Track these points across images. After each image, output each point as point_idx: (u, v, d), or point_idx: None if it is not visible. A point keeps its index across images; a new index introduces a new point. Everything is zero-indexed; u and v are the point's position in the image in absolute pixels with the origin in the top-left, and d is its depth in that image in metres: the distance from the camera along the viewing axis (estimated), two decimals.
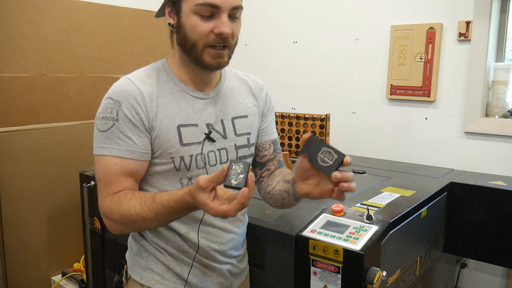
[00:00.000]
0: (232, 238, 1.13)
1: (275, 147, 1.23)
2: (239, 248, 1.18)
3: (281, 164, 1.23)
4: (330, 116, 1.81)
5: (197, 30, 0.97)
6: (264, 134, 1.21)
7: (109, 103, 0.99)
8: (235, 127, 1.11)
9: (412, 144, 2.19)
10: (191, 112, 1.05)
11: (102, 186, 1.00)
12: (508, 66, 1.98)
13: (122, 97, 0.98)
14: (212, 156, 1.07)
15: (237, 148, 1.12)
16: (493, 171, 1.93)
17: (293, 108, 2.60)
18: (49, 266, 2.04)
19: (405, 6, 2.14)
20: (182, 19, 0.99)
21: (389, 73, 2.19)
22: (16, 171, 1.86)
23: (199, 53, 1.00)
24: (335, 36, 2.40)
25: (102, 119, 0.99)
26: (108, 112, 0.98)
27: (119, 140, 0.98)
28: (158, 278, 1.10)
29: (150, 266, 1.10)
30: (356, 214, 1.25)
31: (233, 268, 1.17)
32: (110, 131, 0.98)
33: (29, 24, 1.99)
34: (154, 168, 1.04)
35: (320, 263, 1.14)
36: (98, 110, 1.01)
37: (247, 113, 1.15)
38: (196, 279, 1.11)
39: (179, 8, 0.99)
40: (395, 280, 1.26)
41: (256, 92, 1.20)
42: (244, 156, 1.13)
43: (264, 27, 2.68)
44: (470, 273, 2.06)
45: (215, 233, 1.10)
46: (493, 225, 1.55)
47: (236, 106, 1.13)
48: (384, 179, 1.68)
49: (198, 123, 1.05)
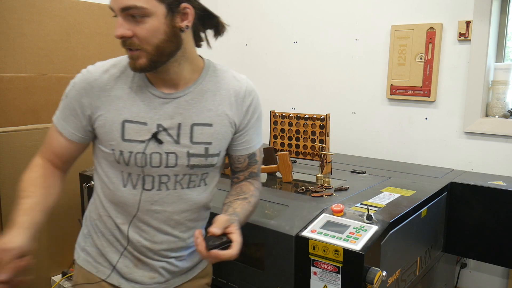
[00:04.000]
0: (168, 240, 1.11)
1: (250, 161, 1.18)
2: (181, 251, 1.15)
3: (252, 175, 1.21)
4: (330, 116, 1.81)
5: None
6: (243, 148, 1.16)
7: (73, 81, 1.07)
8: (193, 134, 1.06)
9: (412, 144, 2.19)
10: (144, 109, 1.04)
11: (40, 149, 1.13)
12: (508, 66, 1.98)
13: (79, 80, 1.06)
14: (156, 158, 1.04)
15: (190, 156, 1.06)
16: (493, 171, 1.93)
17: (293, 108, 2.60)
18: (49, 266, 2.03)
19: (405, 6, 2.14)
20: None
21: (389, 73, 2.19)
22: (16, 171, 1.86)
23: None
24: (335, 36, 2.40)
25: (64, 94, 1.08)
26: (67, 89, 1.08)
27: (63, 115, 1.08)
28: (90, 260, 1.14)
29: (86, 247, 1.15)
30: (356, 214, 1.25)
31: (170, 266, 1.15)
32: (61, 102, 1.09)
33: (29, 24, 1.99)
34: (101, 153, 1.08)
35: (320, 263, 1.14)
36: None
37: (213, 121, 1.07)
38: (126, 268, 1.12)
39: None
40: (395, 280, 1.26)
41: (238, 100, 1.12)
42: (197, 165, 1.07)
43: (264, 27, 2.68)
44: (470, 273, 2.06)
45: (148, 232, 1.10)
46: (493, 225, 1.55)
47: (202, 112, 1.07)
48: (384, 179, 1.68)
49: (147, 122, 1.03)
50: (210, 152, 1.08)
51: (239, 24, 2.79)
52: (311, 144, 1.86)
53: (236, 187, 1.19)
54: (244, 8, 2.75)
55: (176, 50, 1.00)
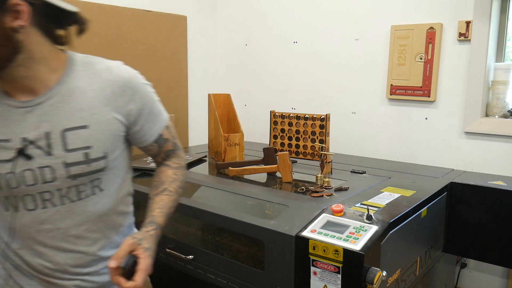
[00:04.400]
0: (73, 257, 1.01)
1: (159, 144, 1.10)
2: (93, 265, 1.04)
3: (169, 154, 1.13)
4: (330, 116, 1.81)
5: None
6: (142, 140, 1.07)
7: None
8: (66, 141, 0.93)
9: (412, 144, 2.19)
10: (3, 125, 0.92)
11: None
12: (508, 66, 1.98)
13: None
14: (29, 175, 0.93)
15: (68, 166, 0.94)
16: (493, 171, 1.93)
17: (293, 108, 2.60)
18: None
19: (405, 6, 2.14)
20: None
21: (389, 73, 2.19)
22: None
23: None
24: (335, 36, 2.40)
25: None
26: None
27: None
28: (1, 283, 1.04)
29: None
30: (356, 214, 1.25)
31: (86, 284, 1.04)
32: None
33: None
34: None
35: (320, 263, 1.14)
36: None
37: (88, 122, 0.95)
38: None
39: None
40: (395, 280, 1.26)
41: (116, 92, 0.98)
42: (80, 174, 0.95)
43: (264, 27, 2.68)
44: (470, 273, 2.06)
45: (46, 253, 0.99)
46: (493, 225, 1.55)
47: (73, 114, 0.94)
48: (384, 179, 1.68)
49: (11, 138, 0.91)
50: (92, 157, 0.95)
51: (239, 24, 2.79)
52: (311, 144, 1.86)
53: (156, 177, 1.12)
54: (244, 8, 2.76)
55: (13, 53, 0.87)
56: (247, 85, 2.82)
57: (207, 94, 2.12)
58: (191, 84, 2.69)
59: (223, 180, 1.70)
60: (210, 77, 2.90)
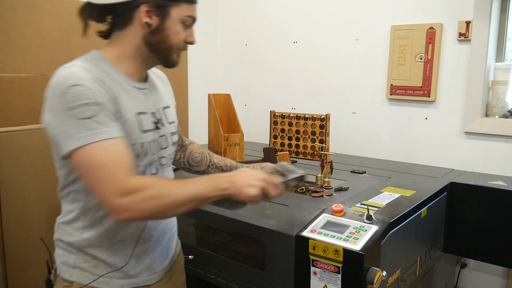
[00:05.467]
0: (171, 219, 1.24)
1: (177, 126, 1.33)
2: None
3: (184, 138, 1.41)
4: (330, 116, 1.81)
5: (179, 37, 1.06)
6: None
7: (84, 89, 0.93)
8: (166, 116, 1.17)
9: (412, 144, 2.19)
10: (138, 101, 1.08)
11: (112, 170, 0.92)
12: (508, 66, 1.98)
13: (91, 83, 0.95)
14: (162, 142, 1.13)
15: (172, 135, 1.18)
16: (493, 171, 1.93)
17: (293, 108, 2.60)
18: None
19: (405, 6, 2.14)
20: (167, 24, 1.04)
21: (389, 73, 2.19)
22: (16, 171, 1.86)
23: (170, 54, 1.08)
24: (335, 36, 2.40)
25: (84, 106, 0.92)
26: (86, 98, 0.93)
27: (109, 123, 0.95)
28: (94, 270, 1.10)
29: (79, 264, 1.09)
30: (356, 214, 1.25)
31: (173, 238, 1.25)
32: (99, 116, 0.94)
33: (29, 24, 1.99)
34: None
35: (320, 263, 1.14)
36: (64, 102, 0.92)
37: (169, 103, 1.21)
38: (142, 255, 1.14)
39: (166, 13, 1.03)
40: (395, 280, 1.26)
41: (166, 83, 1.27)
42: (175, 143, 1.21)
43: (264, 27, 2.68)
44: (470, 273, 2.06)
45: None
46: (493, 225, 1.55)
47: (162, 97, 1.19)
48: (384, 179, 1.68)
49: (147, 112, 1.09)
50: (177, 129, 1.24)
51: (239, 24, 2.79)
52: (311, 144, 1.86)
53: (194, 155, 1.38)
54: (244, 8, 2.75)
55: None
56: (247, 85, 2.82)
57: (207, 94, 2.12)
58: (191, 84, 2.69)
59: None
60: (210, 77, 2.90)
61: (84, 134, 0.92)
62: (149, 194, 0.92)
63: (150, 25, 1.02)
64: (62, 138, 0.94)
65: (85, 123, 0.92)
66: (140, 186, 0.92)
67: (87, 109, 0.93)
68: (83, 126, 0.92)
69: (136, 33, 1.04)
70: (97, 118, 0.93)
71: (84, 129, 0.92)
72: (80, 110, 0.92)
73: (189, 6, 1.05)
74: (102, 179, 0.92)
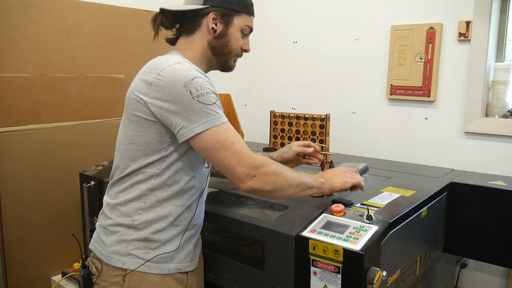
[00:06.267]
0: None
1: None
2: None
3: None
4: (330, 116, 1.81)
5: (238, 43, 1.23)
6: None
7: (203, 81, 1.08)
8: None
9: (412, 144, 2.19)
10: None
11: (241, 146, 1.07)
12: (508, 66, 1.98)
13: (206, 77, 1.11)
14: None
15: None
16: (493, 171, 1.93)
17: (293, 108, 2.60)
18: (49, 266, 2.04)
19: (405, 6, 2.14)
20: (230, 30, 1.21)
21: (389, 73, 2.19)
22: (16, 171, 1.86)
23: (229, 58, 1.24)
24: (335, 36, 2.40)
25: (207, 94, 1.06)
26: (207, 87, 1.08)
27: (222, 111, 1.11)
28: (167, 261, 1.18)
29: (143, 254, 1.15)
30: (356, 214, 1.25)
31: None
32: (218, 102, 1.09)
33: (29, 24, 1.99)
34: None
35: (320, 263, 1.14)
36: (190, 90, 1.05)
37: None
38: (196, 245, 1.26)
39: (230, 21, 1.21)
40: (395, 280, 1.26)
41: None
42: None
43: (264, 27, 2.68)
44: (470, 273, 2.06)
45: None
46: (493, 225, 1.55)
47: None
48: (384, 179, 1.68)
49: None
50: None
51: None
52: None
53: None
54: None
55: None
56: (247, 85, 2.82)
57: None
58: None
59: (223, 180, 1.70)
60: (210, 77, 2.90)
61: (210, 118, 1.06)
62: (273, 170, 1.09)
63: (216, 30, 1.19)
64: (187, 122, 1.05)
65: (209, 109, 1.06)
66: (265, 162, 1.08)
67: (211, 97, 1.07)
68: (208, 111, 1.06)
69: (203, 38, 1.20)
70: (217, 103, 1.09)
71: (209, 114, 1.06)
72: (206, 97, 1.06)
73: (249, 17, 1.28)
74: (235, 153, 1.06)
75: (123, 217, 1.15)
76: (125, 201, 1.15)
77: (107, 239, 1.17)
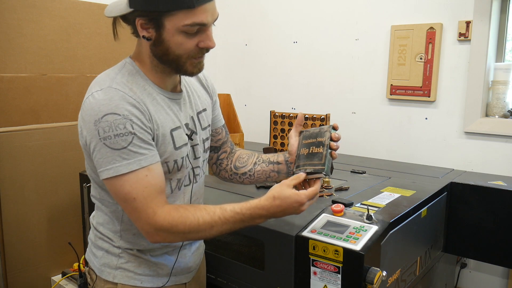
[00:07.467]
0: None
1: (225, 130, 1.31)
2: None
3: (233, 145, 1.34)
4: (330, 116, 1.81)
5: (183, 47, 0.97)
6: (217, 121, 1.28)
7: (117, 119, 0.92)
8: (200, 122, 1.15)
9: (412, 144, 2.19)
10: (173, 115, 1.06)
11: (142, 204, 0.94)
12: (508, 66, 1.98)
13: (126, 110, 0.94)
14: (196, 152, 1.13)
15: (204, 142, 1.16)
16: (493, 171, 1.93)
17: (293, 108, 2.60)
18: (49, 266, 2.04)
19: (405, 6, 2.14)
20: (165, 36, 0.96)
21: (389, 73, 2.19)
22: (16, 171, 1.86)
23: (181, 64, 1.00)
24: (335, 36, 2.40)
25: (115, 137, 0.92)
26: (118, 128, 0.92)
27: (143, 150, 0.95)
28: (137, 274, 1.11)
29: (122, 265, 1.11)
30: (356, 214, 1.25)
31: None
32: (131, 145, 0.93)
33: (29, 24, 1.99)
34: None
35: (320, 263, 1.14)
36: (98, 131, 0.92)
37: (205, 106, 1.18)
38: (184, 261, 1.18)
39: (160, 25, 0.94)
40: (395, 280, 1.26)
41: (205, 83, 1.23)
42: (207, 149, 1.20)
43: (264, 27, 2.68)
44: (470, 273, 2.06)
45: None
46: (493, 225, 1.55)
47: (197, 100, 1.16)
48: (384, 179, 1.68)
49: (180, 125, 1.07)
50: (210, 133, 1.21)
51: (239, 24, 2.79)
52: None
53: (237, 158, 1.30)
54: (244, 8, 2.75)
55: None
56: (247, 85, 2.82)
57: None
58: None
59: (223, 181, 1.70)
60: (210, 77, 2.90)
61: (116, 164, 0.93)
62: (180, 232, 0.97)
63: (149, 38, 0.97)
64: (96, 163, 0.96)
65: (115, 154, 0.93)
66: (170, 224, 0.95)
67: (121, 140, 0.92)
68: (113, 156, 0.93)
69: (146, 45, 1.01)
70: (130, 147, 0.93)
71: (114, 160, 0.93)
72: (114, 141, 0.92)
73: (188, 13, 0.92)
74: (135, 210, 0.95)
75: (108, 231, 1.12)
76: (103, 222, 1.12)
77: (97, 252, 1.13)
